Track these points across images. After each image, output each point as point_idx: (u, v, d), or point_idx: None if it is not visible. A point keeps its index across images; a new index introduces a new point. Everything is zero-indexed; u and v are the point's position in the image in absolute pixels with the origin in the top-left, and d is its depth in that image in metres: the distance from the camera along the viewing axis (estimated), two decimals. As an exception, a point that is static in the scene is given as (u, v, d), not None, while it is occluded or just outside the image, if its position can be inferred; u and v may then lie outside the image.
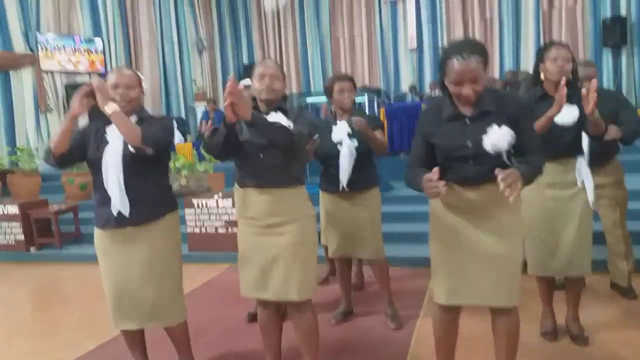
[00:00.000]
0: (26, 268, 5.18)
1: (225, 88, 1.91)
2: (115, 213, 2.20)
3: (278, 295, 2.23)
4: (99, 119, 2.27)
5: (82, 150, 2.28)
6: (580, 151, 2.47)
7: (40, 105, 8.51)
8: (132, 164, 2.19)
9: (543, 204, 2.49)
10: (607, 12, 9.24)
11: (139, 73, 2.40)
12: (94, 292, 4.22)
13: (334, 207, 3.00)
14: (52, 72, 8.84)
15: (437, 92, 9.57)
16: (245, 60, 12.00)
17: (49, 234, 5.54)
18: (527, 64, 9.93)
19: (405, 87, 10.78)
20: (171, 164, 5.43)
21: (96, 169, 2.24)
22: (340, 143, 2.87)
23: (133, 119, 2.25)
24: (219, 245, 4.88)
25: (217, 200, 4.88)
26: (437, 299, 2.04)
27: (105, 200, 2.22)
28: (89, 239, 5.64)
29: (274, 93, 2.25)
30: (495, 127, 1.82)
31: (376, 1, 11.11)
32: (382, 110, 7.11)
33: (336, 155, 2.87)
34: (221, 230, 4.90)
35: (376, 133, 2.89)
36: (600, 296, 3.27)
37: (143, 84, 2.37)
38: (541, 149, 1.92)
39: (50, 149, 2.19)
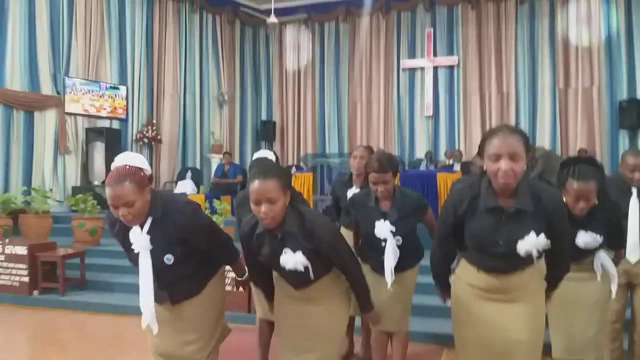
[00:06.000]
0: (27, 312, 5.07)
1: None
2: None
3: None
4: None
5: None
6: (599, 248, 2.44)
7: (60, 147, 8.67)
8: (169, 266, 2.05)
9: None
10: (623, 94, 9.39)
11: (138, 159, 1.98)
12: (94, 344, 4.10)
13: (371, 279, 2.77)
14: (74, 115, 9.06)
15: (451, 161, 9.63)
16: (264, 117, 12.25)
17: (54, 278, 5.44)
18: (543, 140, 10.00)
19: (420, 153, 10.85)
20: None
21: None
22: (385, 240, 2.73)
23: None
24: (226, 305, 4.71)
25: (226, 257, 4.79)
26: None
27: None
28: (93, 287, 5.69)
29: (275, 221, 1.96)
30: (532, 234, 1.79)
31: (395, 68, 11.38)
32: (397, 176, 7.10)
33: (380, 249, 2.74)
34: (228, 288, 4.78)
35: (429, 214, 2.91)
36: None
37: (146, 165, 1.98)
38: (568, 252, 1.99)
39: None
